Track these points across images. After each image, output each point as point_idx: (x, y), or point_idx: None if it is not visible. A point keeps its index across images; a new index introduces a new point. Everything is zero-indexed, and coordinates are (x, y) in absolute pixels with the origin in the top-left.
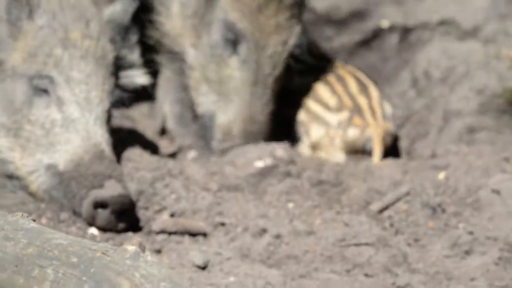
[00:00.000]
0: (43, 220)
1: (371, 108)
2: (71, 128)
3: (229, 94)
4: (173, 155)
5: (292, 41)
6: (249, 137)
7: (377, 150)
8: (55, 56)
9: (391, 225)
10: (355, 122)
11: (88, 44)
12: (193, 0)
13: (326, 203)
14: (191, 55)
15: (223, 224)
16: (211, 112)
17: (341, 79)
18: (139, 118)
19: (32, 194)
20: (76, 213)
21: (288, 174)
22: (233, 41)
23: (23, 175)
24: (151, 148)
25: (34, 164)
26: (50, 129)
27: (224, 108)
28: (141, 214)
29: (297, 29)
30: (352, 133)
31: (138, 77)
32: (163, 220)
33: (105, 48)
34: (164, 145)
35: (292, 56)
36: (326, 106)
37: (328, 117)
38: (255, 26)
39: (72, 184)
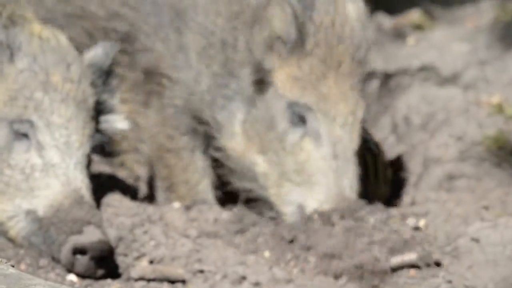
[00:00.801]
0: (22, 266)
1: None
2: (51, 173)
3: (312, 177)
4: (152, 201)
5: (360, 112)
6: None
7: None
8: (35, 99)
9: None
10: None
11: (69, 87)
12: (254, 111)
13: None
14: (261, 162)
15: (202, 271)
16: (299, 204)
17: None
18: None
19: (11, 240)
20: (55, 259)
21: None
22: (301, 120)
23: (2, 220)
24: (131, 193)
25: (13, 210)
26: (30, 174)
27: (311, 194)
28: (120, 260)
29: (362, 100)
30: None
31: (118, 122)
32: (142, 267)
33: (86, 92)
34: None
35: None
36: None
37: None
38: (318, 97)
39: (51, 229)
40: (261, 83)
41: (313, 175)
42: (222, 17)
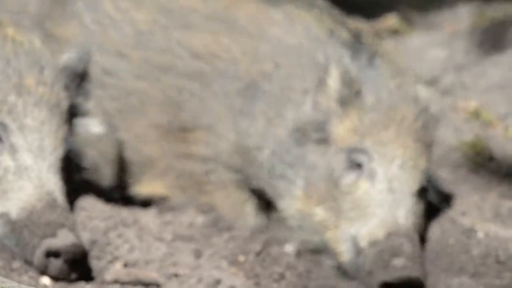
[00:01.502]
0: None
1: None
2: (24, 176)
3: (366, 210)
4: (126, 204)
5: (423, 163)
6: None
7: None
8: (8, 103)
9: None
10: None
11: (42, 91)
12: (315, 173)
13: None
14: (319, 211)
15: (176, 275)
16: (353, 238)
17: None
18: None
19: None
20: (28, 262)
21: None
22: (357, 166)
23: None
24: (105, 197)
25: None
26: (3, 176)
27: (365, 226)
28: (94, 263)
29: (426, 155)
30: None
31: (93, 126)
32: (116, 270)
33: (59, 95)
34: None
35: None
36: None
37: None
38: (377, 143)
39: (24, 232)
40: (321, 144)
41: (367, 208)
42: (294, 89)
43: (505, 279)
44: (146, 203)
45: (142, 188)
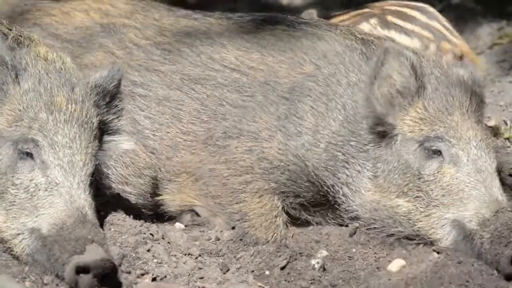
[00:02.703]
0: (27, 283)
1: None
2: (54, 192)
3: (463, 193)
4: (155, 219)
5: (491, 141)
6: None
7: None
8: (40, 120)
9: None
10: None
11: (72, 108)
12: (383, 166)
13: None
14: (403, 203)
15: None
16: (454, 222)
17: None
18: None
19: (15, 257)
20: (59, 277)
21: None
22: (435, 153)
23: (7, 238)
24: (134, 212)
25: (18, 227)
26: (34, 192)
27: (466, 208)
28: (123, 278)
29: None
30: None
31: (123, 142)
32: (145, 284)
33: (89, 112)
34: None
35: None
36: None
37: None
38: (448, 128)
39: (55, 248)
40: (384, 136)
41: (463, 191)
42: (342, 85)
43: None
44: (174, 218)
45: (172, 198)
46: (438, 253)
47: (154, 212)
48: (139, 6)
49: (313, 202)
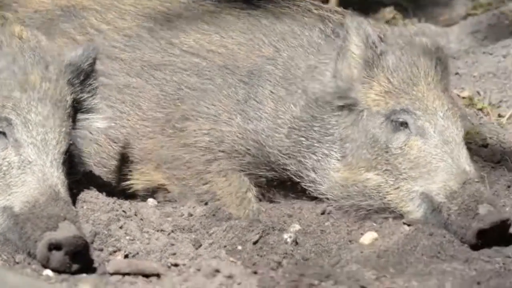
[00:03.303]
0: None
1: None
2: (27, 170)
3: (430, 165)
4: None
5: (458, 110)
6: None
7: None
8: (13, 98)
9: None
10: None
11: (46, 86)
12: (351, 144)
13: None
14: (372, 176)
15: (176, 265)
16: (423, 194)
17: None
18: None
19: None
20: (31, 255)
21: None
22: (402, 126)
23: None
24: (107, 190)
25: None
26: (7, 171)
27: (434, 181)
28: (96, 255)
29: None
30: None
31: (97, 121)
32: (117, 261)
33: (63, 91)
34: None
35: None
36: None
37: None
38: (414, 99)
39: (27, 225)
40: (350, 113)
41: (430, 163)
42: (301, 68)
43: (497, 264)
44: (146, 195)
45: (141, 176)
46: (408, 225)
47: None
48: None
49: (279, 181)
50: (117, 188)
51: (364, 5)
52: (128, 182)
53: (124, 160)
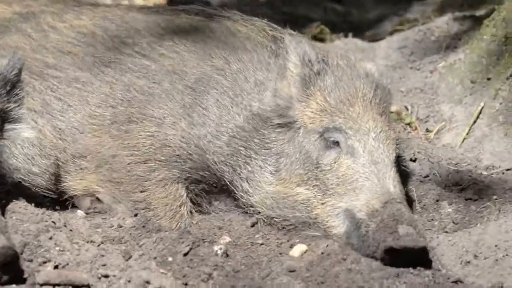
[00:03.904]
0: None
1: None
2: None
3: (355, 183)
4: (58, 206)
5: (393, 133)
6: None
7: None
8: None
9: None
10: None
11: None
12: (285, 159)
13: None
14: (302, 190)
15: (106, 276)
16: (346, 211)
17: None
18: None
19: None
20: None
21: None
22: (334, 144)
23: None
24: (36, 200)
25: None
26: None
27: (358, 198)
28: (25, 266)
29: (392, 125)
30: None
31: (23, 131)
32: (47, 272)
33: None
34: None
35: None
36: None
37: None
38: (348, 119)
39: None
40: (288, 131)
41: (356, 181)
42: (249, 82)
43: (426, 277)
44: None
45: (75, 183)
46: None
47: (57, 199)
48: None
49: (216, 189)
50: (50, 191)
51: (292, 20)
52: (64, 183)
53: (66, 154)
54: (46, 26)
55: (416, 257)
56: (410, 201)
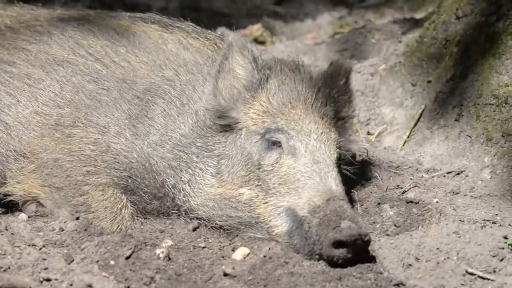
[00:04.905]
0: None
1: None
2: None
3: (298, 182)
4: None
5: (335, 134)
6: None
7: None
8: None
9: None
10: None
11: None
12: (226, 161)
13: None
14: (245, 191)
15: (48, 280)
16: (288, 209)
17: None
18: None
19: None
20: None
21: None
22: (276, 145)
23: None
24: None
25: None
26: None
27: (300, 197)
28: None
29: (334, 128)
30: None
31: None
32: None
33: None
34: None
35: None
36: None
37: None
38: (290, 120)
39: None
40: (230, 133)
41: (298, 181)
42: (197, 92)
43: (369, 280)
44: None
45: (16, 187)
46: (277, 240)
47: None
48: (17, 4)
49: (155, 198)
50: None
51: (232, 22)
52: (5, 188)
53: (8, 150)
54: (4, 26)
55: (360, 252)
56: (351, 204)
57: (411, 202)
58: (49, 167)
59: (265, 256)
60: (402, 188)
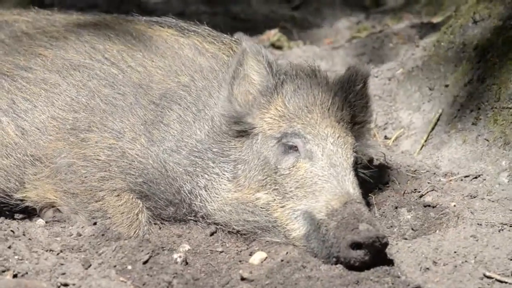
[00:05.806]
0: None
1: None
2: None
3: (315, 186)
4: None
5: (351, 139)
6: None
7: None
8: None
9: None
10: None
11: None
12: (243, 166)
13: None
14: (262, 195)
15: (66, 285)
16: (305, 213)
17: None
18: None
19: None
20: None
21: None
22: (292, 149)
23: None
24: None
25: None
26: None
27: (317, 200)
28: None
29: (350, 132)
30: None
31: None
32: (6, 281)
33: None
34: None
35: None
36: None
37: None
38: (307, 124)
39: None
40: (246, 138)
41: (315, 184)
42: (213, 98)
43: (386, 283)
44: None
45: (32, 192)
46: (294, 244)
47: (15, 207)
48: (32, 9)
49: (171, 204)
50: (10, 196)
51: (249, 26)
52: (22, 194)
53: (25, 155)
54: (20, 33)
55: (377, 254)
56: (368, 208)
57: (429, 206)
58: (63, 172)
59: (282, 260)
60: (419, 192)
